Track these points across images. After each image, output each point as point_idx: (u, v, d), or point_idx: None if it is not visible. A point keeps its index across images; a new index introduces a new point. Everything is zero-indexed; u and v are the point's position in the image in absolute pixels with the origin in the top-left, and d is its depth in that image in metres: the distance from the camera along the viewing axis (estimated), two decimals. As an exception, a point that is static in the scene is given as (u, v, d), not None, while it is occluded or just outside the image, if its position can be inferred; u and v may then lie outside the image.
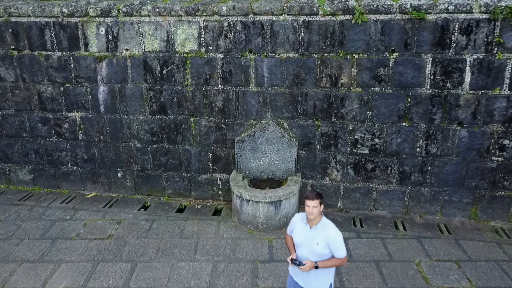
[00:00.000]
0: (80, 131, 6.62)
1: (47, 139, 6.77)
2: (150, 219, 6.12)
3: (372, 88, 5.58)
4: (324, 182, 6.16)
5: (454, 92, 5.39)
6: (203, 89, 6.01)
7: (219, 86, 5.96)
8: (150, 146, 6.49)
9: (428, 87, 5.44)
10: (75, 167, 6.88)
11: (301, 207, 6.24)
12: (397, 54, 5.38)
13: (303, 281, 3.58)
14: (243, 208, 5.71)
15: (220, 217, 6.18)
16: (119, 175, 6.79)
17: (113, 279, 4.81)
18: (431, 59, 5.32)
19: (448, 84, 5.37)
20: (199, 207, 6.50)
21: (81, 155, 6.77)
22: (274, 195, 5.50)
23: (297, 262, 3.43)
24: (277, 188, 5.74)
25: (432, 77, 5.39)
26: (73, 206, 6.53)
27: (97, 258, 5.20)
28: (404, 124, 5.65)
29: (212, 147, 6.32)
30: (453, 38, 5.18)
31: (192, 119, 6.22)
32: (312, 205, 3.36)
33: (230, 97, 5.98)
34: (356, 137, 5.83)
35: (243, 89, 5.91)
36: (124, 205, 6.57)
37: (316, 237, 3.43)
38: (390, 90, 5.54)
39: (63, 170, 6.93)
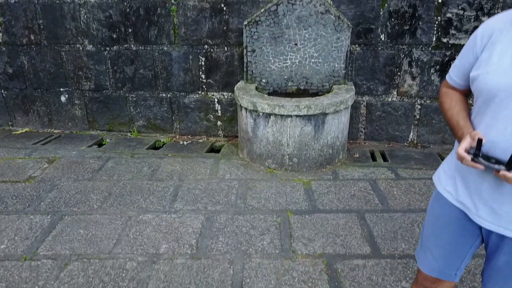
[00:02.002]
0: None
1: (-49, 42, 4.38)
2: (104, 156, 3.74)
3: None
4: (389, 99, 3.81)
5: None
6: None
7: None
8: (108, 48, 4.11)
9: None
10: (-4, 87, 4.49)
11: (349, 142, 3.89)
12: None
13: (490, 210, 1.18)
14: (257, 132, 3.34)
15: (220, 154, 3.81)
16: (62, 99, 4.40)
17: (11, 241, 2.44)
18: None
19: None
20: (185, 143, 4.12)
21: (3, 69, 4.37)
22: (315, 104, 3.13)
23: (489, 159, 1.03)
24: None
25: None
26: (-14, 142, 4.14)
27: (-8, 208, 2.83)
28: (535, -12, 3.33)
29: (206, 46, 3.95)
30: None
31: (174, -2, 3.85)
32: None
33: (237, -46, 3.62)
34: (448, 15, 3.49)
35: None
36: (68, 141, 4.18)
37: None
38: None
39: (-22, 93, 4.53)
